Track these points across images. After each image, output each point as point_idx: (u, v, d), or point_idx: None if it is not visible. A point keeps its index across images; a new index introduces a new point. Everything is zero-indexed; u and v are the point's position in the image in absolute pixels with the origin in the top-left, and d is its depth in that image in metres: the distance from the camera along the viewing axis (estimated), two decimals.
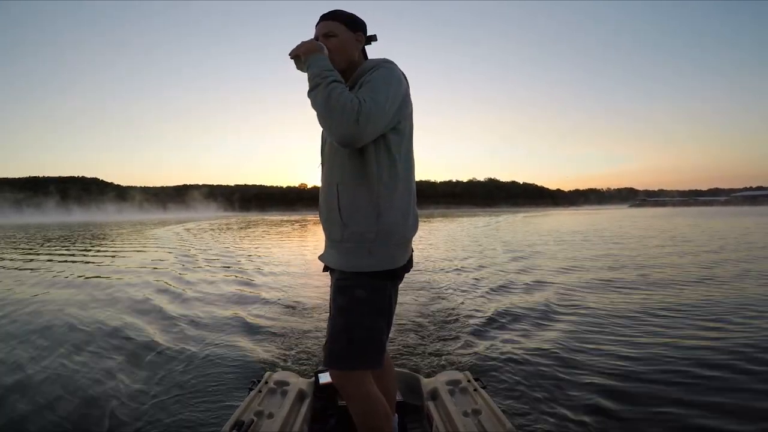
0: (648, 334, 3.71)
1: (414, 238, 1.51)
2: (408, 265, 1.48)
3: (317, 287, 6.28)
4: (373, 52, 1.55)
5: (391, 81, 1.33)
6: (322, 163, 1.51)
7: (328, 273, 1.55)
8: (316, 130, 1.53)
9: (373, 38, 1.53)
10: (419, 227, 1.52)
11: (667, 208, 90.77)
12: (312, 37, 1.49)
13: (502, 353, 3.29)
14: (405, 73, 1.45)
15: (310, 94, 1.31)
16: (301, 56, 1.38)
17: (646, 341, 3.51)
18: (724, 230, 17.69)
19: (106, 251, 13.19)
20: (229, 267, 8.91)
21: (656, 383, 2.74)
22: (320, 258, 1.53)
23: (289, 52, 1.42)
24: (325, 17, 1.47)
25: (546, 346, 3.43)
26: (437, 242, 14.35)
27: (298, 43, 1.41)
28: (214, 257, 10.93)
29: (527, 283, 6.21)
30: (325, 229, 1.48)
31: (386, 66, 1.39)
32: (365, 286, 1.37)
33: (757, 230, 17.34)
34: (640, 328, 3.87)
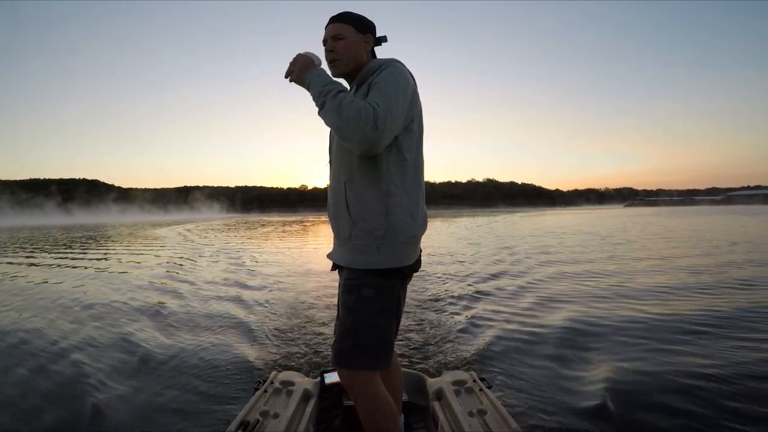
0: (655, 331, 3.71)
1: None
2: (416, 265, 1.47)
3: (324, 286, 6.29)
4: (378, 51, 1.55)
5: (399, 81, 1.33)
6: (330, 162, 1.51)
7: (336, 272, 1.55)
8: (318, 131, 1.54)
9: (383, 39, 1.53)
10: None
11: (656, 208, 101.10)
12: (322, 39, 1.49)
13: (505, 352, 3.30)
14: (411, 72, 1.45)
15: (320, 113, 1.32)
16: (294, 76, 1.40)
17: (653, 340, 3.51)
18: (668, 228, 19.84)
19: (108, 252, 13.22)
20: (233, 267, 8.91)
21: (660, 382, 2.74)
22: (329, 256, 1.53)
23: (284, 76, 1.43)
24: (334, 19, 1.47)
25: (549, 345, 3.43)
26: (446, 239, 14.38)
27: (291, 60, 1.43)
28: (218, 257, 10.94)
29: (505, 274, 6.22)
30: (333, 228, 1.48)
31: (393, 65, 1.39)
32: (373, 285, 1.37)
33: (700, 227, 19.29)
34: (646, 327, 3.86)
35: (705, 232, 16.44)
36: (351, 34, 1.45)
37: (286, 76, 1.43)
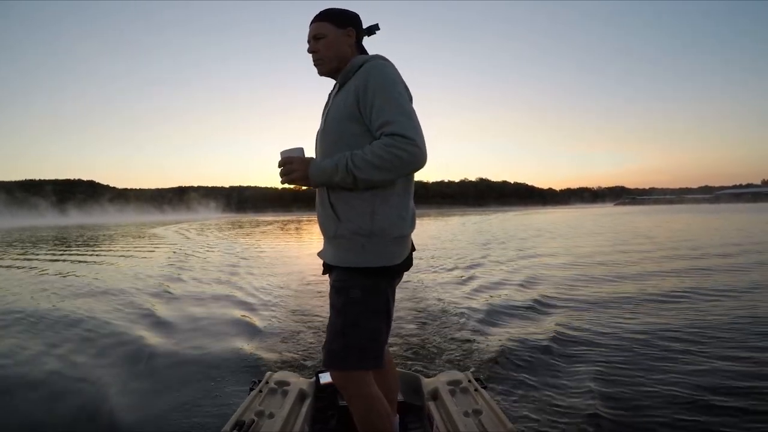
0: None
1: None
2: (406, 263, 1.45)
3: (317, 286, 6.28)
4: (375, 47, 1.55)
5: (394, 82, 1.33)
6: None
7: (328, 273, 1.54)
8: (311, 129, 1.53)
9: (375, 28, 1.51)
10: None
11: (642, 207, 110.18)
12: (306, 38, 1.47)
13: (503, 352, 3.30)
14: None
15: (360, 182, 1.29)
16: (298, 177, 1.36)
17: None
18: (616, 226, 21.55)
19: (104, 253, 13.15)
20: (229, 267, 8.89)
21: (654, 378, 2.75)
22: (319, 254, 1.52)
23: (283, 182, 1.39)
24: (314, 19, 1.46)
25: (547, 344, 3.44)
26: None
27: (279, 172, 1.39)
28: (215, 256, 10.92)
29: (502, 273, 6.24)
30: (320, 225, 1.47)
31: (377, 64, 1.37)
32: (361, 286, 1.36)
33: (651, 225, 21.55)
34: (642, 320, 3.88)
35: (647, 228, 18.59)
36: (330, 31, 1.44)
37: (287, 182, 1.38)
